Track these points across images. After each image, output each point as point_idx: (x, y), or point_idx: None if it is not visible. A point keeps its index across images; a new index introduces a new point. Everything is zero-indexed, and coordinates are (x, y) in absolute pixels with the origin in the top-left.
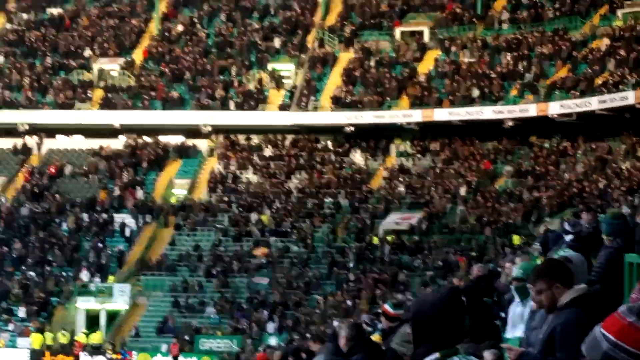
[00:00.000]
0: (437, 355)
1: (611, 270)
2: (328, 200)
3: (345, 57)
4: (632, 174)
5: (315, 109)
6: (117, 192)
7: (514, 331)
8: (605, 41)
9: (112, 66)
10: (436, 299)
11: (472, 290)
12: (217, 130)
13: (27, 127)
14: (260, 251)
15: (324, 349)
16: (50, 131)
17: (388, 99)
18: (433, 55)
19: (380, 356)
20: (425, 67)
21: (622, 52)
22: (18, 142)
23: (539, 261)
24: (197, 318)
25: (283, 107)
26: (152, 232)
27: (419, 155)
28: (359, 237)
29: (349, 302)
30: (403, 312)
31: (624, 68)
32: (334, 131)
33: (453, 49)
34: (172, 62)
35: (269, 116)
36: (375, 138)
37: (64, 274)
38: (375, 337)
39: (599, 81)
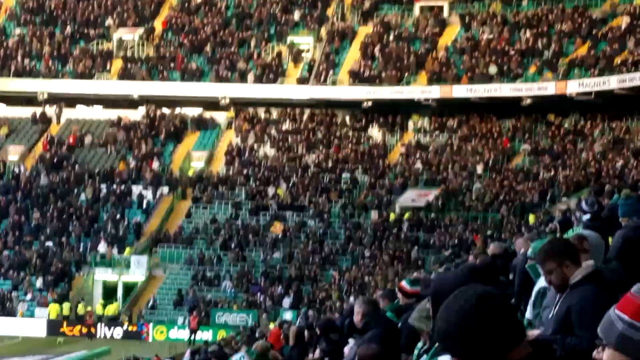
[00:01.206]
0: None
1: (629, 247)
2: (345, 175)
3: (364, 31)
4: None
5: (334, 83)
6: (135, 163)
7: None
8: (626, 19)
9: (131, 36)
10: (457, 277)
11: (488, 268)
12: (235, 102)
13: (46, 97)
14: (275, 227)
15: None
16: (70, 101)
17: (407, 74)
18: (452, 31)
19: (396, 332)
20: (444, 42)
21: None
22: (37, 111)
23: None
24: (213, 291)
25: (301, 81)
26: (169, 204)
27: (436, 132)
28: (376, 213)
29: (365, 278)
30: (420, 288)
31: None
32: (351, 106)
33: (473, 24)
34: (191, 33)
35: (287, 90)
36: (393, 113)
37: (82, 244)
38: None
39: (618, 60)
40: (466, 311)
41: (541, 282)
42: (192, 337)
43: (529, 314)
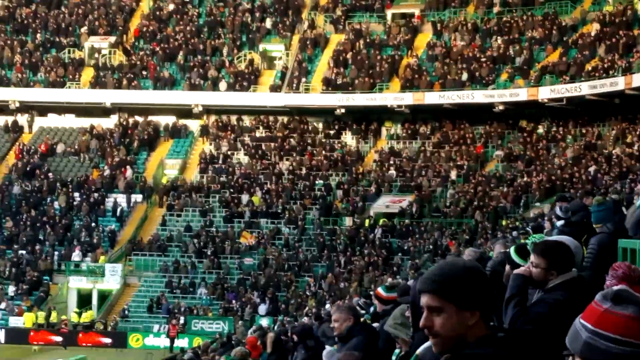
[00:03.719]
0: None
1: (603, 255)
2: (319, 182)
3: (337, 38)
4: (622, 160)
5: (307, 90)
6: (108, 171)
7: None
8: (596, 26)
9: (102, 44)
10: None
11: None
12: (208, 110)
13: (18, 105)
14: (245, 237)
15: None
16: (42, 109)
17: (379, 81)
18: (424, 38)
19: (377, 339)
20: (416, 49)
21: (612, 38)
22: (9, 119)
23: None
24: (189, 299)
25: (274, 89)
26: (143, 212)
27: (409, 138)
28: (350, 220)
29: (341, 285)
30: (396, 295)
31: (614, 53)
32: (325, 113)
33: (444, 31)
34: (163, 42)
35: (260, 97)
36: (366, 120)
37: (56, 253)
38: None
39: (589, 66)
40: (471, 266)
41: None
42: (171, 346)
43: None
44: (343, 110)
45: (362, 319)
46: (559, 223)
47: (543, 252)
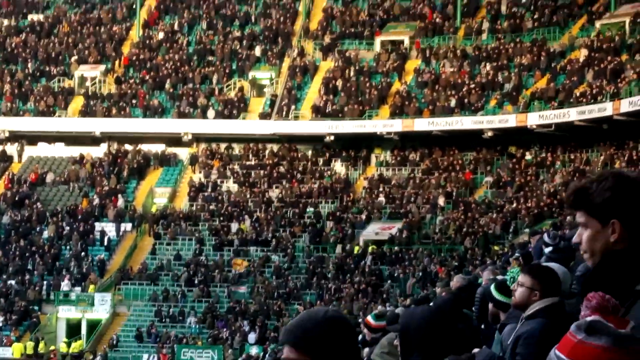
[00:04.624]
0: None
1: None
2: (309, 209)
3: (326, 66)
4: None
5: (296, 118)
6: (98, 200)
7: None
8: (584, 52)
9: (92, 73)
10: (424, 312)
11: (453, 301)
12: (197, 138)
13: (7, 134)
14: (237, 263)
15: None
16: (31, 138)
17: (368, 108)
18: (413, 65)
19: None
20: (406, 76)
21: (601, 64)
22: None
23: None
24: (178, 328)
25: (264, 116)
26: (132, 240)
27: (399, 165)
28: (340, 247)
29: None
30: (385, 323)
31: (602, 79)
32: (314, 140)
33: (433, 58)
34: (152, 70)
35: (250, 125)
36: (355, 147)
37: (44, 282)
38: None
39: (577, 92)
40: (331, 317)
41: None
42: None
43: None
44: (332, 138)
45: None
46: (547, 250)
47: (530, 271)
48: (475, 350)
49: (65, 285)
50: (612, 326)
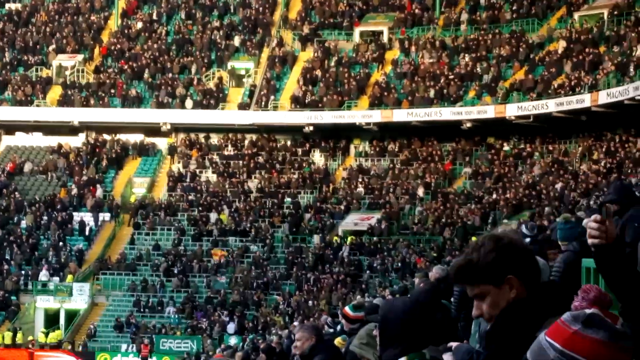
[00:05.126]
0: (404, 358)
1: (569, 274)
2: (287, 200)
3: (305, 56)
4: (588, 176)
5: (275, 108)
6: (76, 190)
7: None
8: (562, 44)
9: (70, 62)
10: (404, 303)
11: (431, 292)
12: (176, 128)
13: None
14: (216, 253)
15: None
16: (9, 128)
17: (347, 99)
18: (392, 55)
19: (340, 358)
20: (385, 67)
21: (579, 55)
22: None
23: None
24: (157, 318)
25: (242, 106)
26: (111, 230)
27: (378, 156)
28: (319, 238)
29: (309, 303)
30: (363, 314)
31: (580, 71)
32: (293, 131)
33: (412, 49)
34: (131, 59)
35: (229, 115)
36: (334, 138)
37: (22, 272)
38: (338, 341)
39: (555, 83)
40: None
41: None
42: None
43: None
44: (311, 128)
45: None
46: (526, 241)
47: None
48: (452, 343)
49: (43, 275)
50: (609, 321)
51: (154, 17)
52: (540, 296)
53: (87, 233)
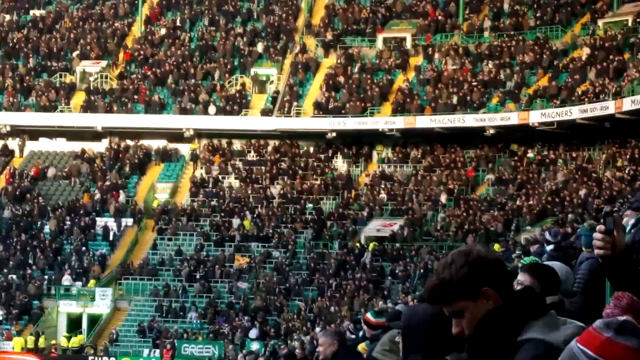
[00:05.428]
0: None
1: (594, 281)
2: (310, 206)
3: (328, 62)
4: (612, 183)
5: (298, 114)
6: (99, 195)
7: None
8: (586, 50)
9: (94, 69)
10: (427, 310)
11: None
12: (199, 134)
13: (9, 129)
14: (239, 260)
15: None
16: (33, 133)
17: (370, 105)
18: (415, 62)
19: None
20: (408, 73)
21: (603, 62)
22: (0, 143)
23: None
24: (179, 323)
25: (265, 112)
26: (134, 236)
27: (400, 162)
28: (341, 244)
29: (331, 309)
30: (385, 320)
31: (604, 78)
32: (316, 137)
33: (435, 56)
34: (154, 66)
35: (251, 121)
36: (357, 144)
37: (45, 277)
38: (362, 346)
39: (579, 90)
40: None
41: None
42: None
43: None
44: (334, 134)
45: (348, 344)
46: (549, 248)
47: (529, 269)
48: None
49: (66, 279)
50: None
51: (178, 23)
52: (515, 302)
53: (110, 238)
